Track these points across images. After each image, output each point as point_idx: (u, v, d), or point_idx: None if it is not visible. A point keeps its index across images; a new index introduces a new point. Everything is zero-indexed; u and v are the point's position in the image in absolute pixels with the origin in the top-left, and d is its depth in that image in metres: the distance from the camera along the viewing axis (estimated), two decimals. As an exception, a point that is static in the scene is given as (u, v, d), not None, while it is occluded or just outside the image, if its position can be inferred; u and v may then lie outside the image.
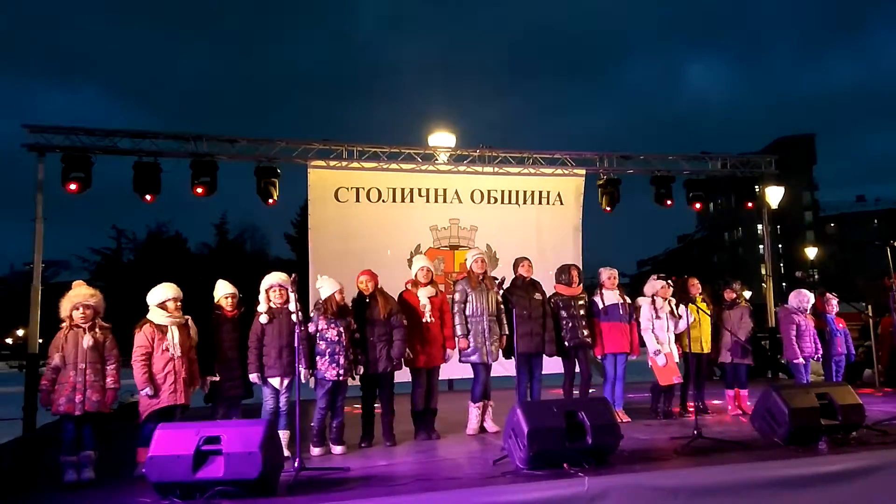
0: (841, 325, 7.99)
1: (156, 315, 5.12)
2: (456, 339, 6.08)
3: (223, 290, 5.68)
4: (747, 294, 9.07)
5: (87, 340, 4.76)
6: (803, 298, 7.40)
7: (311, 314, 5.61)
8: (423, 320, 5.97)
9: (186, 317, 5.22)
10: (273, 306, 5.46)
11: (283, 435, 5.20)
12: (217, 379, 5.39)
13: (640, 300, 6.94)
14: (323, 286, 5.62)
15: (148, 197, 9.21)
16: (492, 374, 6.31)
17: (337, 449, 5.49)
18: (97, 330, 4.86)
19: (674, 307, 6.86)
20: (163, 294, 5.17)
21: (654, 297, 6.87)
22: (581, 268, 6.95)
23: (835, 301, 8.01)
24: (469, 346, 6.07)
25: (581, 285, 6.78)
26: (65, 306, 4.85)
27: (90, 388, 4.73)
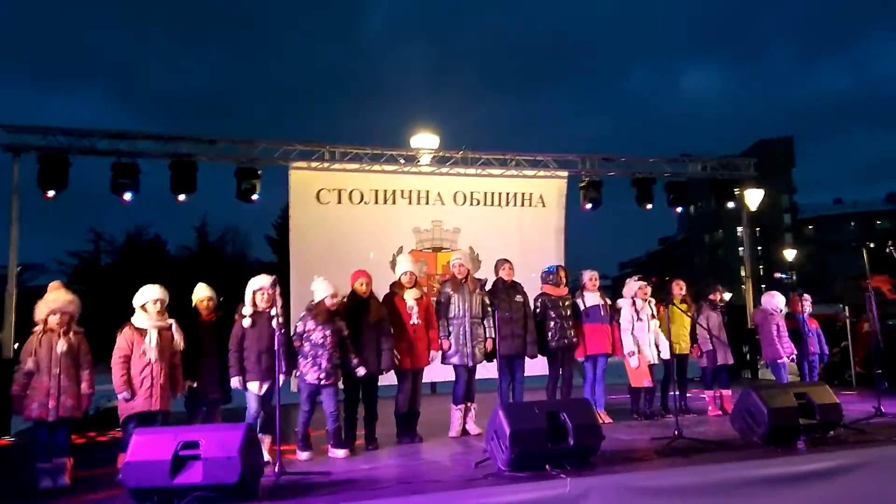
0: (813, 325, 8.11)
1: (137, 318, 5.04)
2: (439, 340, 6.07)
3: (201, 293, 5.62)
4: (727, 296, 9.16)
5: (61, 345, 4.67)
6: (778, 299, 7.53)
7: (302, 314, 5.56)
8: (410, 322, 5.94)
9: (170, 321, 5.12)
10: (258, 309, 5.40)
11: (265, 440, 5.14)
12: (195, 384, 5.32)
13: (621, 302, 6.98)
14: (317, 289, 5.56)
15: (126, 197, 9.08)
16: (476, 377, 6.30)
17: (339, 453, 5.39)
18: (71, 335, 4.78)
19: (653, 308, 6.91)
20: (144, 296, 5.09)
21: (634, 299, 6.92)
22: (566, 269, 6.98)
23: (808, 302, 8.12)
24: (450, 348, 6.06)
25: (567, 287, 6.81)
26: (41, 310, 4.75)
27: (64, 394, 4.64)
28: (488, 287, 6.36)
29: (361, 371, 5.55)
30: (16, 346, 8.37)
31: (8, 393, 4.76)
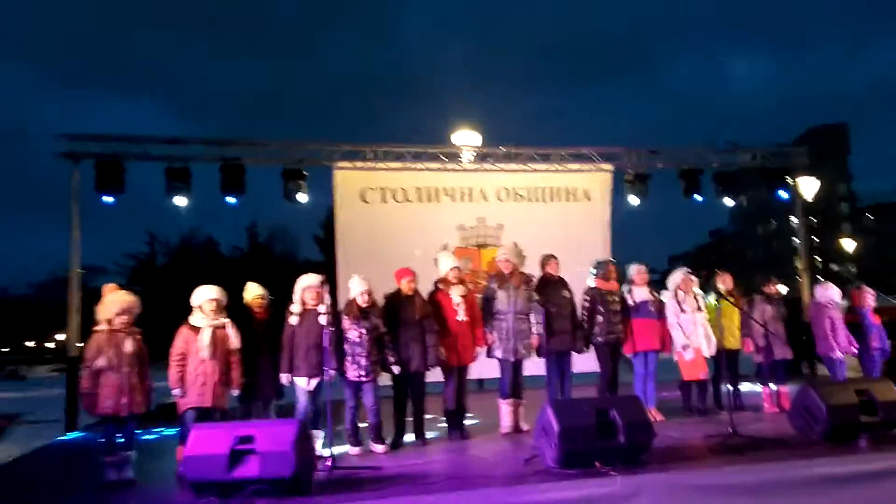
0: (876, 320, 7.80)
1: (194, 317, 5.22)
2: (486, 335, 6.09)
3: (253, 292, 5.77)
4: (783, 289, 8.86)
5: (129, 345, 4.89)
6: (832, 292, 7.27)
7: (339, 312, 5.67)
8: (456, 318, 5.97)
9: (225, 320, 5.28)
10: (307, 307, 5.52)
11: (317, 435, 5.25)
12: (247, 381, 5.47)
13: (664, 294, 6.86)
14: (351, 287, 5.67)
15: (180, 201, 9.39)
16: (525, 374, 6.28)
17: (378, 448, 5.52)
18: (136, 334, 4.99)
19: (700, 300, 6.77)
20: (200, 296, 5.26)
21: (677, 291, 6.79)
22: (616, 263, 6.90)
23: (872, 296, 7.81)
24: (494, 343, 6.07)
25: (616, 281, 6.73)
26: (108, 309, 4.94)
27: (134, 391, 4.85)
28: (534, 283, 6.33)
29: (396, 369, 5.63)
30: (80, 345, 8.76)
31: (77, 391, 4.98)
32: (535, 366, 6.40)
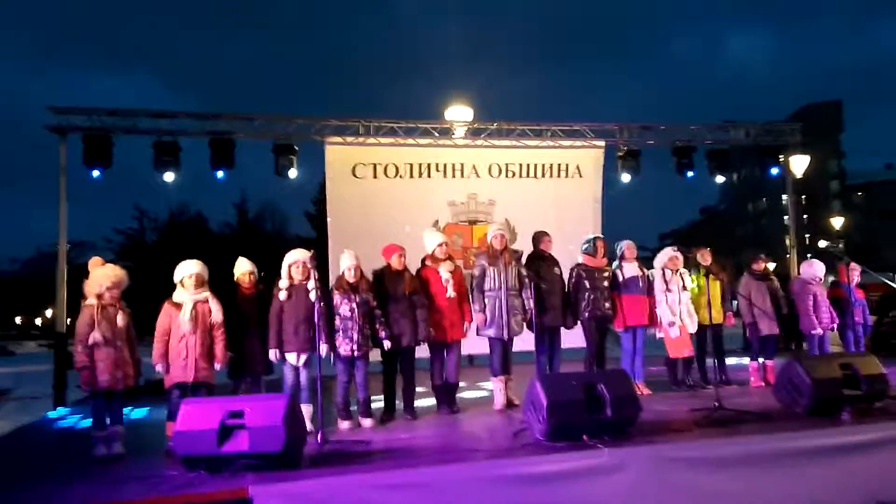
0: (860, 295, 7.88)
1: (176, 293, 5.19)
2: (473, 313, 6.08)
3: (242, 268, 5.75)
4: (771, 266, 8.89)
5: (122, 319, 4.88)
6: (816, 268, 7.32)
7: (330, 288, 5.67)
8: (445, 295, 5.97)
9: (206, 294, 5.25)
10: (294, 283, 5.51)
11: (306, 409, 5.28)
12: (235, 356, 5.47)
13: (652, 272, 6.91)
14: (342, 262, 5.66)
15: (168, 176, 9.30)
16: (514, 349, 6.30)
17: (366, 422, 5.57)
18: (124, 309, 4.97)
19: (685, 278, 6.82)
20: (181, 271, 5.24)
21: (664, 269, 6.83)
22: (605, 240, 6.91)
23: (857, 271, 7.89)
24: (486, 321, 6.06)
25: (605, 258, 6.74)
26: (97, 284, 4.87)
27: (127, 364, 4.86)
28: (524, 259, 6.34)
29: (387, 344, 5.63)
30: (68, 321, 8.73)
31: (68, 366, 4.96)
32: (523, 342, 6.43)
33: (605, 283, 6.58)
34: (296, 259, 5.53)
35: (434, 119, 10.67)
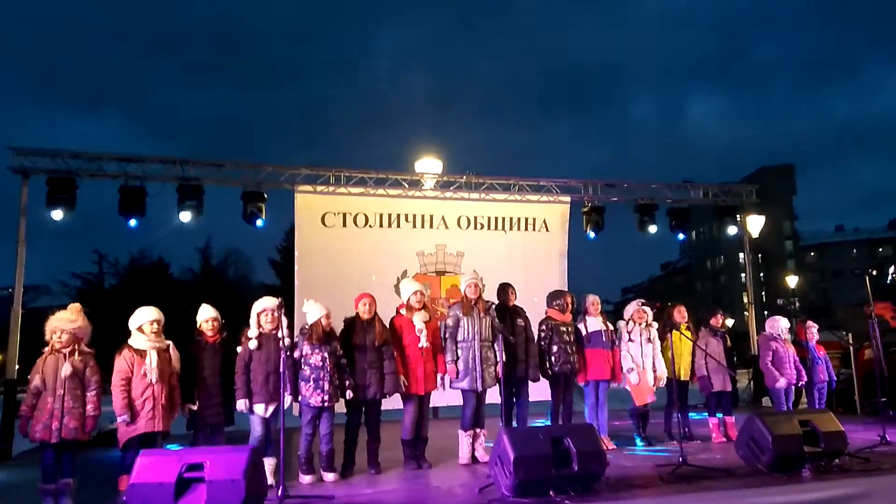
0: (821, 352, 8.09)
1: (135, 339, 5.06)
2: (446, 363, 6.01)
3: (205, 314, 5.64)
4: (729, 322, 9.14)
5: (65, 369, 4.68)
6: (778, 325, 7.52)
7: (297, 339, 5.57)
8: (419, 346, 5.90)
9: (168, 342, 5.15)
10: (264, 331, 5.42)
11: (269, 462, 5.12)
12: (195, 407, 5.32)
13: (619, 323, 7.05)
14: (309, 311, 5.58)
15: (133, 222, 9.17)
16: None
17: (329, 476, 5.43)
18: (77, 356, 4.79)
19: (651, 333, 6.95)
20: (140, 317, 5.13)
21: (629, 321, 6.98)
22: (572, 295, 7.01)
23: (815, 329, 8.12)
24: (459, 373, 6.00)
25: (571, 313, 6.81)
26: (47, 330, 4.79)
27: (68, 415, 4.64)
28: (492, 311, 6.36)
29: (349, 394, 5.53)
30: (17, 367, 8.38)
31: (13, 415, 4.76)
32: (488, 394, 6.38)
33: (572, 338, 6.64)
34: (265, 307, 5.45)
35: (404, 170, 10.82)
